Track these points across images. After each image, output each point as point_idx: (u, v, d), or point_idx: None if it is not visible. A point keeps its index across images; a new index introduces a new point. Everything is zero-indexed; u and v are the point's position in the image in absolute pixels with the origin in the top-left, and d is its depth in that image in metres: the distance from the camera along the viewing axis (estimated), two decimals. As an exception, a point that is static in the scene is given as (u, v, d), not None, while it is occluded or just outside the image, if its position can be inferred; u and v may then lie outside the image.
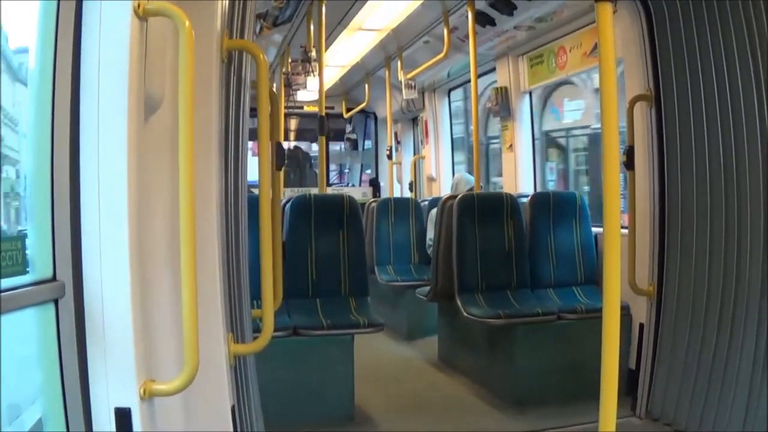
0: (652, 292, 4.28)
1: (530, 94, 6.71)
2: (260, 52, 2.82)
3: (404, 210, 7.80)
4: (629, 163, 4.29)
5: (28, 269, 1.94)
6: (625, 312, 4.65)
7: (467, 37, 6.17)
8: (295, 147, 11.84)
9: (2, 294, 1.76)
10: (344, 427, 4.45)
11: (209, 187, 2.58)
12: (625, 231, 4.61)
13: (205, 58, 2.51)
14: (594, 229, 5.41)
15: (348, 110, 10.34)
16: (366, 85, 9.15)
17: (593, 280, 5.25)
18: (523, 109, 6.72)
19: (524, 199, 5.56)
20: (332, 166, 12.49)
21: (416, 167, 10.00)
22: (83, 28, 1.98)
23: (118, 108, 1.97)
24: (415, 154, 10.24)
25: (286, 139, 11.97)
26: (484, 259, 5.18)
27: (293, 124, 11.88)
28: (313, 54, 6.29)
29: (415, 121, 10.08)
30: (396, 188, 10.28)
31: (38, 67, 2.02)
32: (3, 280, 1.80)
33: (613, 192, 2.64)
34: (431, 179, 9.32)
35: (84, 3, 1.97)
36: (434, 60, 6.45)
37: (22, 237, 1.99)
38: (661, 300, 4.23)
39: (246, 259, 3.09)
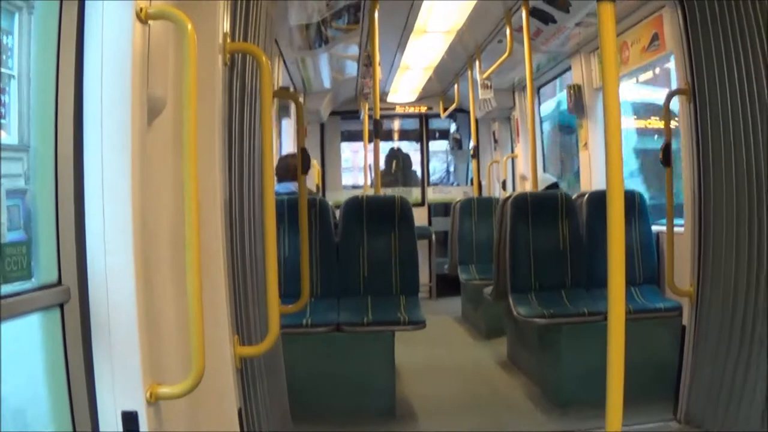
0: (693, 293, 4.13)
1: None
2: (262, 55, 2.79)
3: (487, 209, 7.80)
4: (666, 160, 4.16)
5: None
6: (678, 313, 4.52)
7: (535, 35, 6.15)
8: (397, 148, 12.03)
9: (8, 299, 1.77)
10: (383, 421, 4.51)
11: (213, 190, 2.59)
12: (679, 229, 4.49)
13: (207, 61, 2.51)
14: (655, 228, 5.26)
15: (445, 110, 10.43)
16: (456, 85, 9.21)
17: (653, 279, 5.12)
18: (596, 106, 6.56)
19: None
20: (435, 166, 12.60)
21: (510, 165, 9.94)
22: (86, 32, 1.98)
23: (121, 112, 1.98)
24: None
25: (390, 139, 12.21)
26: (537, 259, 5.15)
27: (396, 124, 12.10)
28: (378, 58, 6.44)
29: (510, 119, 10.02)
30: (495, 187, 10.27)
31: (41, 71, 2.03)
32: (9, 285, 1.82)
33: (616, 190, 2.62)
34: (524, 178, 9.24)
35: (86, 7, 1.98)
36: (501, 60, 6.43)
37: (26, 242, 1.99)
38: (699, 301, 4.08)
39: (256, 261, 3.09)
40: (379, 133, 5.56)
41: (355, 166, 12.59)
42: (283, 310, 3.81)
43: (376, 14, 5.49)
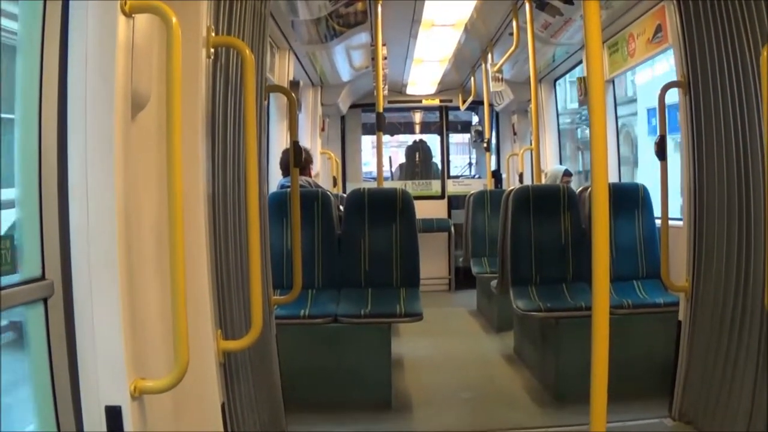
0: (688, 288, 4.08)
1: (613, 82, 6.48)
2: (246, 48, 2.77)
3: (500, 202, 7.76)
4: (660, 153, 4.11)
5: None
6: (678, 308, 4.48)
7: (544, 27, 6.12)
8: (420, 140, 12.01)
9: None
10: (378, 413, 4.51)
11: (197, 184, 2.59)
12: (678, 223, 4.46)
13: (191, 54, 2.51)
14: (659, 222, 5.22)
15: (464, 102, 10.41)
16: (472, 78, 9.19)
17: (656, 274, 5.08)
18: (605, 98, 6.49)
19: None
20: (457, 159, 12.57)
21: (529, 158, 9.86)
22: (70, 25, 1.98)
23: (105, 106, 1.98)
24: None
25: (412, 132, 12.21)
26: (538, 252, 5.13)
27: (418, 117, 12.09)
28: (384, 51, 6.45)
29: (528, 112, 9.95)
30: (515, 180, 10.22)
31: (25, 64, 2.02)
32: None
33: (600, 184, 2.61)
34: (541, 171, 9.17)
35: (71, 0, 1.97)
36: (509, 53, 6.40)
37: (11, 236, 1.97)
38: (694, 297, 4.03)
39: (241, 255, 3.09)
40: (382, 126, 5.57)
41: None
42: (276, 301, 3.86)
43: (380, 9, 5.51)
